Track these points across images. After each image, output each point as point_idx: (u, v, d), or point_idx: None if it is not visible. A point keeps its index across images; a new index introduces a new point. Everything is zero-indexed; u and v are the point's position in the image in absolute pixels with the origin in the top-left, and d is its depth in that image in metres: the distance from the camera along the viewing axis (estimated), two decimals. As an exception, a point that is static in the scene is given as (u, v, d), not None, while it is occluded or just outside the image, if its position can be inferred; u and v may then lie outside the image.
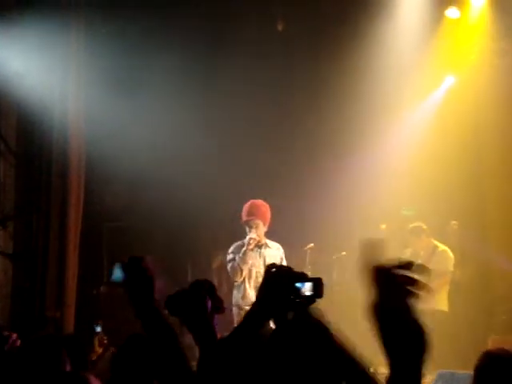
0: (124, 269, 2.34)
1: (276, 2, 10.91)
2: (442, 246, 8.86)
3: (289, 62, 11.07)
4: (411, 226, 9.11)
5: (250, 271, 7.89)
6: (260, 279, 6.24)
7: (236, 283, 8.00)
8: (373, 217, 10.24)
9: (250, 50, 10.41)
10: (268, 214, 8.01)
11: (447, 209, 10.20)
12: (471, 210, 10.29)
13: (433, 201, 10.24)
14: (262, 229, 7.96)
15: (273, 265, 2.11)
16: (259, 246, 7.96)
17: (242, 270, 7.81)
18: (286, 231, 9.82)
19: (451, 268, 8.70)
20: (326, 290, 2.00)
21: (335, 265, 9.86)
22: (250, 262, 7.84)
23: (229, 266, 8.01)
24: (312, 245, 9.48)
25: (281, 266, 2.09)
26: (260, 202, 8.04)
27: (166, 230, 10.95)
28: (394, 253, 1.77)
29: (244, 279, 7.89)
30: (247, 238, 7.87)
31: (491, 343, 8.58)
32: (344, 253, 9.62)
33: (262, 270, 7.46)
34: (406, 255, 8.40)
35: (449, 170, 10.26)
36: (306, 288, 1.97)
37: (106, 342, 7.96)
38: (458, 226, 9.80)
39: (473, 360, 3.45)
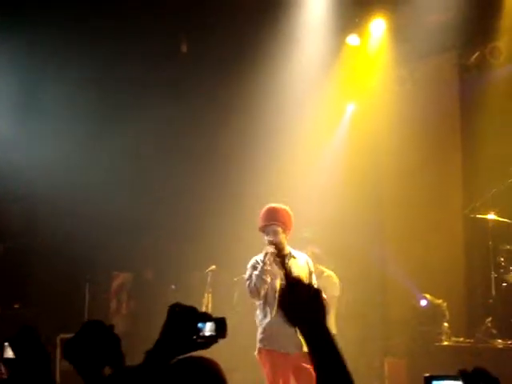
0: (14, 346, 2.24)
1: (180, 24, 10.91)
2: (327, 271, 8.97)
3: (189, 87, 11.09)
4: (306, 250, 9.23)
5: (272, 287, 6.54)
6: None
7: (258, 303, 6.71)
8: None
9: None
10: (289, 220, 6.74)
11: (350, 229, 10.39)
12: (372, 230, 10.53)
13: (334, 222, 10.40)
14: (283, 236, 6.65)
15: (176, 304, 2.07)
16: (281, 256, 6.63)
17: (259, 292, 6.47)
18: (189, 253, 9.78)
19: (337, 293, 8.82)
20: (228, 311, 2.00)
21: (236, 287, 9.83)
22: (269, 279, 6.47)
23: (246, 284, 6.72)
24: (214, 267, 9.43)
25: (184, 307, 2.04)
26: (280, 206, 6.81)
27: (63, 251, 10.66)
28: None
29: (266, 298, 6.56)
30: (263, 252, 6.56)
31: (387, 365, 8.74)
32: (245, 275, 9.60)
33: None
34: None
35: (350, 195, 10.48)
36: (209, 328, 1.96)
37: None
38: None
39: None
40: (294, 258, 6.66)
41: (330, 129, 11.40)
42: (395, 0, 10.41)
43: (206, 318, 2.00)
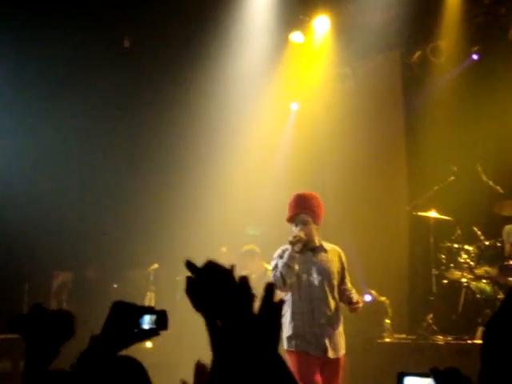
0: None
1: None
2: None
3: (134, 81, 10.95)
4: (245, 248, 9.20)
5: (299, 280, 5.86)
6: (316, 293, 5.69)
7: (285, 296, 5.92)
8: (217, 238, 10.24)
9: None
10: (320, 209, 6.02)
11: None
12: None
13: (277, 221, 10.39)
14: (313, 227, 5.95)
15: (119, 301, 2.04)
16: (311, 249, 5.97)
17: (284, 280, 5.74)
18: (132, 251, 9.66)
19: (281, 290, 8.80)
20: (169, 311, 2.00)
21: (179, 286, 9.76)
22: (297, 267, 5.81)
23: (272, 275, 5.99)
24: (156, 265, 9.36)
25: (126, 302, 2.01)
26: (310, 193, 6.13)
27: (1, 251, 10.41)
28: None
29: (295, 290, 5.88)
30: (290, 238, 5.86)
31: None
32: (189, 274, 9.53)
33: (315, 281, 5.81)
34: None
35: (292, 191, 10.48)
36: (150, 321, 1.94)
37: None
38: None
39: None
40: (326, 251, 5.99)
41: (274, 127, 11.38)
42: (339, -2, 10.47)
43: (146, 310, 1.99)
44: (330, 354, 5.74)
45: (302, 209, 5.86)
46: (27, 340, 2.38)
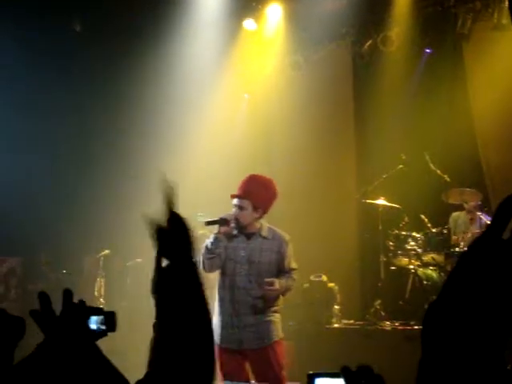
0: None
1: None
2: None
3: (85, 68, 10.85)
4: (199, 232, 9.22)
5: (224, 266, 5.48)
6: (240, 281, 5.33)
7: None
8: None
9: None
10: (267, 195, 5.55)
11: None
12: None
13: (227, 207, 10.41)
14: (252, 214, 5.45)
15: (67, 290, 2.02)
16: (247, 234, 5.51)
17: (203, 263, 5.33)
18: (82, 237, 9.59)
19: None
20: (119, 297, 2.01)
21: (129, 271, 9.73)
22: (220, 251, 5.38)
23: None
24: (107, 251, 9.32)
25: (72, 303, 1.99)
26: (259, 177, 5.68)
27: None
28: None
29: (220, 276, 5.53)
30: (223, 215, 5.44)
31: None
32: (139, 260, 9.52)
33: (241, 269, 5.42)
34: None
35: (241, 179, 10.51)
36: (98, 321, 1.94)
37: None
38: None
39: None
40: (265, 238, 5.51)
41: (227, 116, 11.35)
42: (292, -15, 10.50)
43: (95, 311, 1.97)
44: (248, 345, 5.41)
45: (242, 192, 5.47)
46: None
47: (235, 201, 5.46)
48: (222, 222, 5.41)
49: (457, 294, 1.17)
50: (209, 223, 5.47)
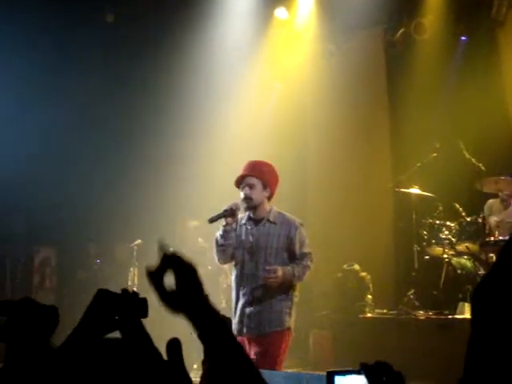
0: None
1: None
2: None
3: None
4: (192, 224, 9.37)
5: (234, 255, 5.52)
6: (248, 268, 5.31)
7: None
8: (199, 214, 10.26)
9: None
10: (272, 177, 5.54)
11: (276, 204, 10.40)
12: (300, 206, 10.55)
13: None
14: (262, 192, 5.44)
15: (104, 290, 2.03)
16: (255, 221, 5.49)
17: (218, 256, 5.51)
18: (115, 227, 9.64)
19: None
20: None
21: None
22: (232, 242, 5.42)
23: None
24: (139, 241, 9.37)
25: (111, 292, 2.00)
26: (262, 161, 5.65)
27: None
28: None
29: (234, 265, 5.58)
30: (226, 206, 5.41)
31: (312, 337, 8.83)
32: (171, 249, 9.54)
33: (248, 256, 5.44)
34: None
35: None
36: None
37: None
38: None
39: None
40: (273, 223, 5.46)
41: (259, 105, 11.32)
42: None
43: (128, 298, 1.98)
44: (249, 333, 5.35)
45: (250, 171, 5.43)
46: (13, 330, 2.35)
47: (246, 180, 5.41)
48: (227, 213, 5.37)
49: (507, 273, 1.15)
50: (212, 220, 5.41)
